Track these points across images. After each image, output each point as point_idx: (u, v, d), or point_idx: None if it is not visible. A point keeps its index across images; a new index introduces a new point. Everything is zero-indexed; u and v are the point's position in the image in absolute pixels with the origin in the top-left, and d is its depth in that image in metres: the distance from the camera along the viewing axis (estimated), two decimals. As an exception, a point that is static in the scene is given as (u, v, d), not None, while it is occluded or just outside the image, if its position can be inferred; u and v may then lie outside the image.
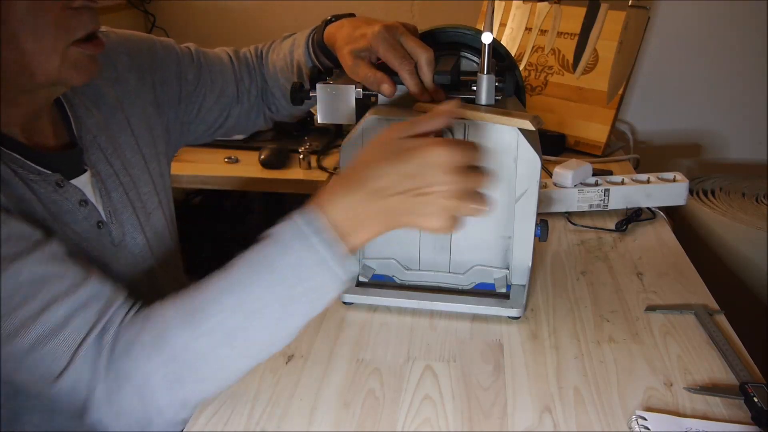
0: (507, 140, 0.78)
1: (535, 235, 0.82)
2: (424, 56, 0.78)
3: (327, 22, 0.93)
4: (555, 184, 1.13)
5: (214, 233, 1.98)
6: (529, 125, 0.74)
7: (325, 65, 0.93)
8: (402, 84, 0.79)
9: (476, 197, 0.62)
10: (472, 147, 0.62)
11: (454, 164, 0.60)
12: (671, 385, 0.72)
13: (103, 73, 0.84)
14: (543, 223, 0.84)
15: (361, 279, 0.87)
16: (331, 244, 0.61)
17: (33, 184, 0.70)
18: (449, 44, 0.90)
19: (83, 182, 0.77)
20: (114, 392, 0.61)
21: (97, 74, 0.73)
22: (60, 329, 0.60)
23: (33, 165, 0.71)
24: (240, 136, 1.53)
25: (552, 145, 1.43)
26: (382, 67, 0.81)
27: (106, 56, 0.85)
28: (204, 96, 0.97)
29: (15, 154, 0.70)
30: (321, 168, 1.41)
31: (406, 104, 0.80)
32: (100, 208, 0.78)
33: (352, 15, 0.94)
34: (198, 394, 0.64)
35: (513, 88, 0.81)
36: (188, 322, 0.61)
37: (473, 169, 0.62)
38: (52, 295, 0.61)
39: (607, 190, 1.11)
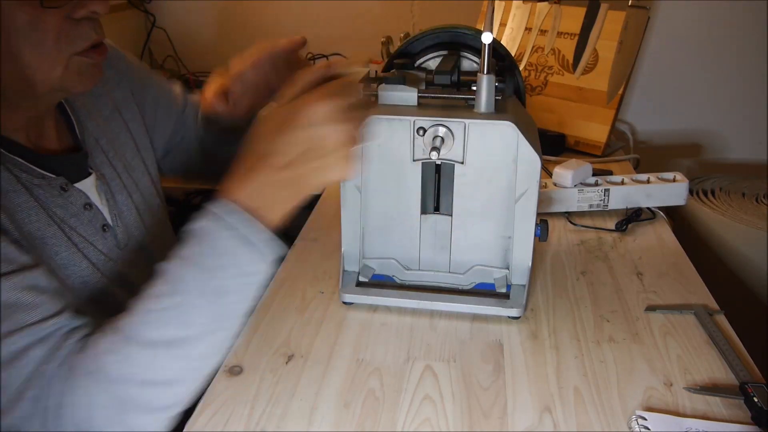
0: (507, 140, 0.78)
1: (535, 235, 0.82)
2: None
3: None
4: (555, 184, 1.13)
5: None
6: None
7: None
8: None
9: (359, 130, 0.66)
10: (341, 86, 0.65)
11: (333, 112, 0.63)
12: (671, 385, 0.72)
13: (106, 76, 0.84)
14: (543, 223, 0.84)
15: (361, 279, 0.87)
16: (249, 222, 0.62)
17: (37, 188, 0.70)
18: (449, 44, 0.90)
19: (87, 186, 0.76)
20: (57, 421, 0.59)
21: (101, 80, 0.73)
22: (17, 358, 0.59)
23: (37, 169, 0.71)
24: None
25: (552, 145, 1.43)
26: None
27: (108, 59, 0.86)
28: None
29: (19, 159, 0.69)
30: (321, 168, 1.41)
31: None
32: (105, 212, 0.78)
33: None
34: (148, 417, 0.62)
35: (513, 88, 0.81)
36: (123, 345, 0.60)
37: (351, 106, 0.65)
38: (18, 324, 0.59)
39: (607, 190, 1.11)
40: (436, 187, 0.84)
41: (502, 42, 1.07)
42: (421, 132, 0.78)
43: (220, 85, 0.87)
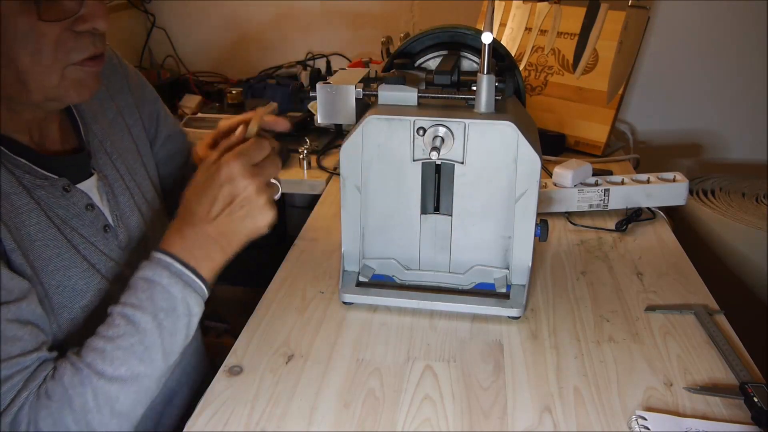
0: (507, 140, 0.78)
1: (535, 235, 0.82)
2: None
3: None
4: (555, 184, 1.13)
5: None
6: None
7: None
8: None
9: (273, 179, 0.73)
10: (255, 145, 0.72)
11: (248, 166, 0.70)
12: (671, 385, 0.72)
13: (110, 82, 0.86)
14: (543, 223, 0.84)
15: (361, 279, 0.87)
16: (189, 270, 0.70)
17: (38, 189, 0.70)
18: (449, 44, 0.90)
19: (89, 186, 0.77)
20: None
21: (98, 90, 0.73)
22: None
23: (39, 170, 0.71)
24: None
25: (552, 145, 1.43)
26: None
27: (112, 65, 0.87)
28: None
29: (21, 159, 0.70)
30: (321, 168, 1.41)
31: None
32: (106, 212, 0.78)
33: None
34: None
35: (513, 88, 0.81)
36: (91, 379, 0.64)
37: (266, 159, 0.73)
38: (2, 357, 0.61)
39: (607, 190, 1.11)
40: (436, 187, 0.84)
41: (502, 42, 1.07)
42: (421, 132, 0.78)
43: (211, 136, 0.90)
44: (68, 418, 0.63)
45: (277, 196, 0.74)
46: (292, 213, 1.93)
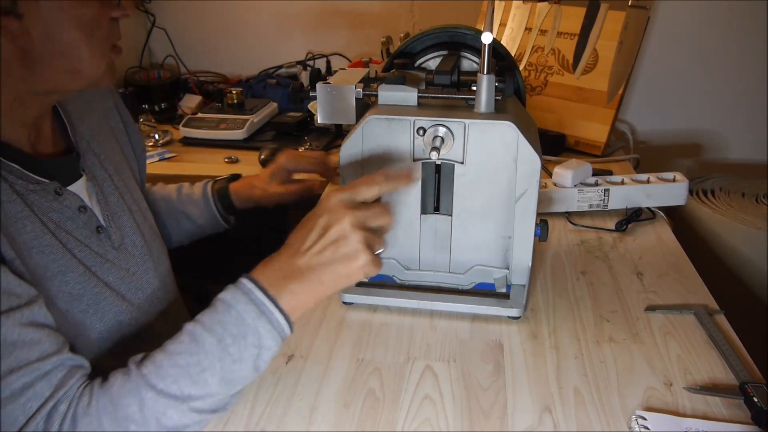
0: (507, 140, 0.78)
1: (535, 235, 0.82)
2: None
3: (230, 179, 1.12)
4: (555, 184, 1.13)
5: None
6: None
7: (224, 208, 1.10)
8: None
9: (378, 228, 0.69)
10: (359, 186, 0.69)
11: (348, 202, 0.67)
12: (671, 385, 0.72)
13: None
14: (543, 223, 0.84)
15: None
16: (270, 301, 0.65)
17: (32, 195, 0.70)
18: (449, 44, 0.90)
19: (79, 188, 0.77)
20: None
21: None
22: (18, 396, 0.59)
23: (33, 175, 0.71)
24: (240, 137, 1.53)
25: (552, 145, 1.43)
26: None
27: None
28: None
29: (15, 165, 0.70)
30: (321, 168, 1.41)
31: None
32: (97, 213, 0.78)
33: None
34: None
35: (513, 88, 0.81)
36: (142, 391, 0.62)
37: (368, 206, 0.69)
38: (19, 362, 0.60)
39: (607, 190, 1.11)
40: (436, 187, 0.84)
41: (502, 42, 1.07)
42: (421, 132, 0.78)
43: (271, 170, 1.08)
44: (108, 426, 0.61)
45: (379, 251, 0.68)
46: (292, 213, 1.92)
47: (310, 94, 0.85)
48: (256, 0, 1.89)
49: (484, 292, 0.85)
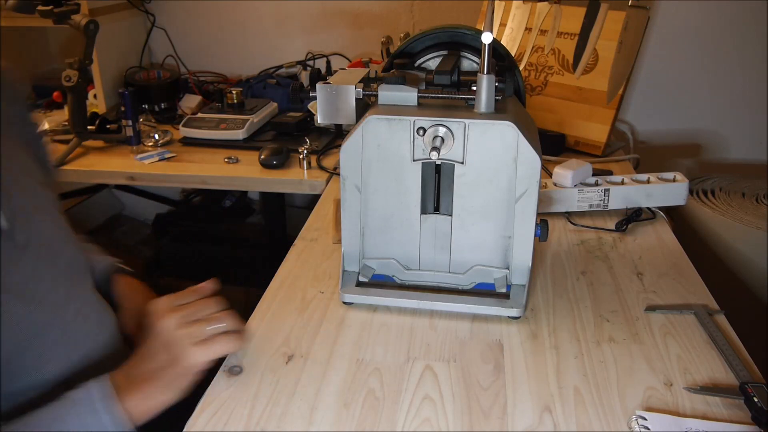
0: (507, 140, 0.78)
1: (535, 235, 0.82)
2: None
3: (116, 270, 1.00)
4: (555, 184, 1.13)
5: (214, 233, 1.98)
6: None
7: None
8: None
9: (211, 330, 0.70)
10: (199, 305, 0.71)
11: (181, 318, 0.69)
12: (671, 385, 0.72)
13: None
14: (543, 223, 0.84)
15: (361, 279, 0.87)
16: (105, 396, 0.66)
17: None
18: (449, 44, 0.90)
19: None
20: None
21: None
22: None
23: None
24: (240, 137, 1.53)
25: (552, 145, 1.43)
26: None
27: (7, 77, 0.82)
28: None
29: None
30: (321, 168, 1.41)
31: None
32: None
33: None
34: None
35: (513, 88, 0.81)
36: None
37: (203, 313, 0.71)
38: None
39: (607, 190, 1.11)
40: (436, 187, 0.84)
41: (502, 42, 1.07)
42: (421, 132, 0.78)
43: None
44: None
45: (210, 331, 0.70)
46: (292, 213, 1.93)
47: (310, 94, 0.85)
48: (256, 0, 1.89)
49: (484, 292, 0.85)
